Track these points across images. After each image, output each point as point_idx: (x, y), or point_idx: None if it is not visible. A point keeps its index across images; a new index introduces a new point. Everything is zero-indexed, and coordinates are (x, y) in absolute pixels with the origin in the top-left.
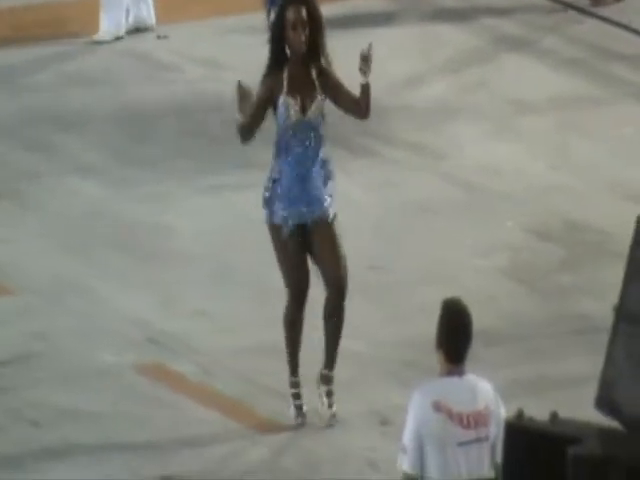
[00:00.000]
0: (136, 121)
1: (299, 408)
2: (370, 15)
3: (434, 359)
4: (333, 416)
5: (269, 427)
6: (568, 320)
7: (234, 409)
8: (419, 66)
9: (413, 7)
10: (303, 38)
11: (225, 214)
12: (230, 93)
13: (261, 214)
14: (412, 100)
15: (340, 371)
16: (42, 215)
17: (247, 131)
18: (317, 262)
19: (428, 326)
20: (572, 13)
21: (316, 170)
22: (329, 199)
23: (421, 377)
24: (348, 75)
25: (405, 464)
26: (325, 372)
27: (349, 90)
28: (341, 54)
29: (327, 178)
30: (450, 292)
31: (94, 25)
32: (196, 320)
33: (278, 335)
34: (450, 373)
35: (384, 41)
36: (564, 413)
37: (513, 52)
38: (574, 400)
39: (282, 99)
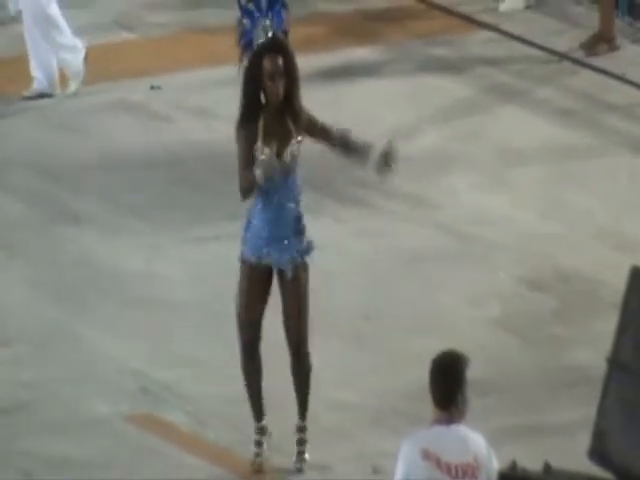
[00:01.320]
0: (126, 170)
1: (257, 455)
2: (362, 65)
3: (425, 408)
4: (301, 461)
5: (259, 476)
6: (560, 370)
7: (224, 457)
8: (412, 116)
9: (404, 57)
10: (281, 89)
11: (213, 264)
12: (219, 142)
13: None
14: (405, 150)
15: (330, 419)
16: (30, 263)
17: (248, 190)
18: (282, 313)
19: (420, 375)
20: (566, 63)
21: (289, 218)
22: (296, 252)
23: (412, 426)
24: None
25: None
26: (298, 422)
27: (323, 122)
28: (332, 104)
29: (300, 233)
30: (442, 341)
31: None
32: (186, 368)
33: (268, 383)
34: (439, 421)
35: (376, 91)
36: (556, 463)
37: (506, 102)
38: (567, 450)
39: (258, 147)
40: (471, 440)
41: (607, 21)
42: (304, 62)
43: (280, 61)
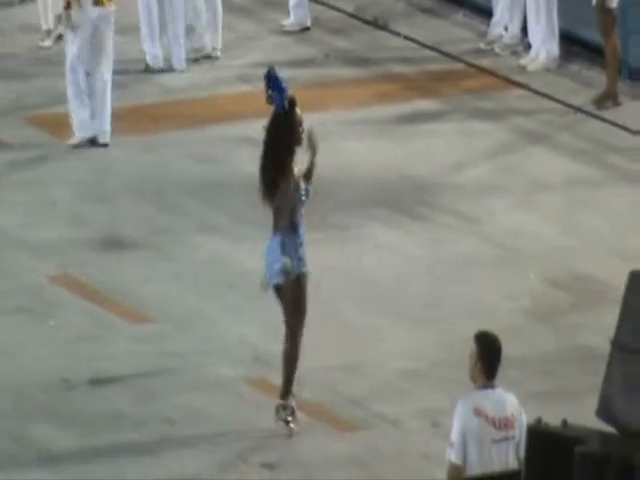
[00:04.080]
0: (249, 191)
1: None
2: (425, 114)
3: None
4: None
5: (347, 427)
6: (576, 349)
7: (320, 413)
8: (464, 153)
9: (457, 108)
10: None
11: (319, 263)
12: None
13: (338, 263)
14: (457, 179)
15: (401, 384)
16: (174, 262)
17: None
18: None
19: (467, 351)
20: (581, 115)
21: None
22: None
23: (463, 389)
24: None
25: (452, 456)
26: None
27: None
28: (402, 144)
29: None
30: (486, 326)
31: None
32: None
33: (356, 356)
34: (485, 386)
35: (437, 134)
36: (572, 420)
37: (535, 144)
38: (580, 410)
39: (301, 183)
40: (508, 400)
41: (612, 82)
42: (380, 111)
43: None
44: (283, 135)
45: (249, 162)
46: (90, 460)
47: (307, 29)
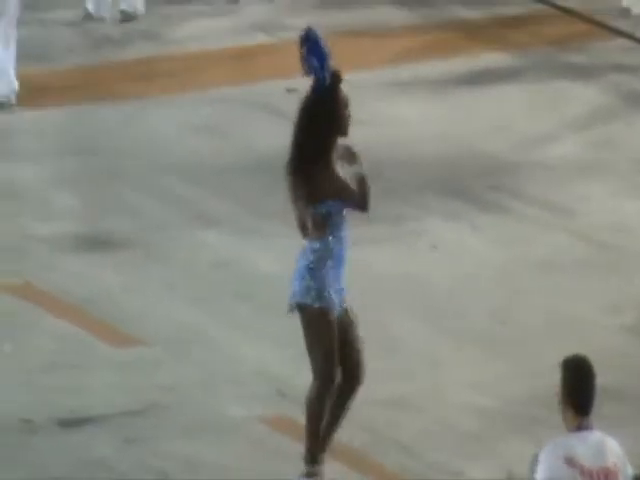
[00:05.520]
0: (263, 173)
1: None
2: (494, 71)
3: (558, 415)
4: None
5: None
6: None
7: (360, 462)
8: (547, 124)
9: (536, 63)
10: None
11: (351, 268)
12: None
13: (386, 268)
14: (541, 157)
15: (467, 423)
16: (168, 265)
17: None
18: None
19: (555, 382)
20: None
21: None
22: None
23: (546, 432)
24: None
25: None
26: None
27: None
28: (468, 109)
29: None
30: (576, 349)
31: None
32: None
33: (406, 387)
34: (579, 428)
35: (511, 97)
36: None
37: None
38: None
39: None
40: (608, 445)
41: None
42: (437, 67)
43: None
44: (322, 120)
45: (264, 136)
46: None
47: None
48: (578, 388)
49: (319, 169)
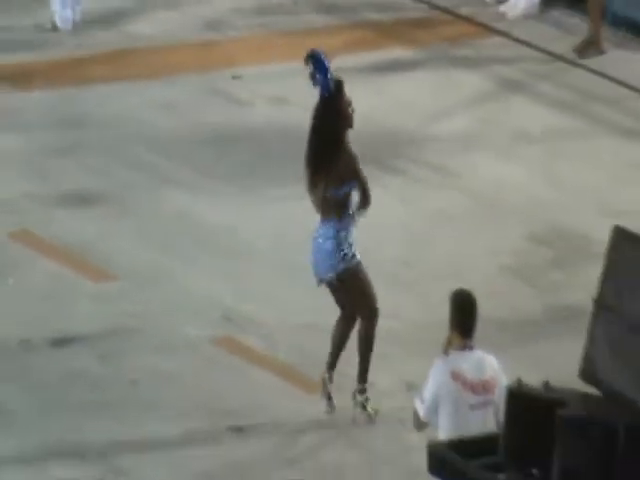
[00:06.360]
0: (214, 144)
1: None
2: (400, 62)
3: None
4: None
5: (318, 390)
6: (558, 309)
7: (292, 375)
8: (441, 104)
9: (434, 56)
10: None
11: (286, 219)
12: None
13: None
14: (437, 131)
15: (377, 346)
16: (139, 217)
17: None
18: None
19: (447, 311)
20: (562, 64)
21: None
22: None
23: (438, 351)
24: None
25: (421, 412)
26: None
27: None
28: (377, 93)
29: None
30: (465, 285)
31: None
32: (262, 303)
33: (327, 317)
34: (464, 348)
35: (412, 83)
36: (554, 382)
37: (515, 94)
38: (563, 372)
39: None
40: (487, 361)
41: (596, 30)
42: (355, 59)
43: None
44: (331, 119)
45: (215, 113)
46: (50, 420)
47: None
48: (463, 314)
49: (339, 156)
